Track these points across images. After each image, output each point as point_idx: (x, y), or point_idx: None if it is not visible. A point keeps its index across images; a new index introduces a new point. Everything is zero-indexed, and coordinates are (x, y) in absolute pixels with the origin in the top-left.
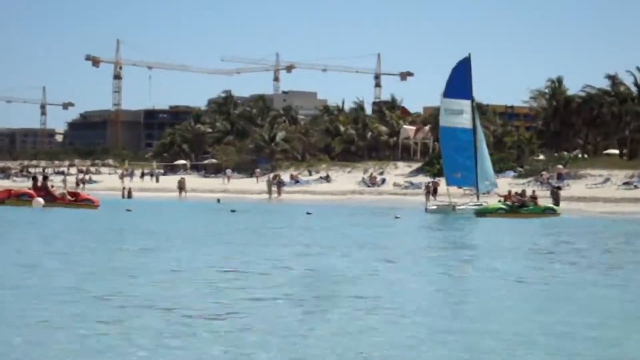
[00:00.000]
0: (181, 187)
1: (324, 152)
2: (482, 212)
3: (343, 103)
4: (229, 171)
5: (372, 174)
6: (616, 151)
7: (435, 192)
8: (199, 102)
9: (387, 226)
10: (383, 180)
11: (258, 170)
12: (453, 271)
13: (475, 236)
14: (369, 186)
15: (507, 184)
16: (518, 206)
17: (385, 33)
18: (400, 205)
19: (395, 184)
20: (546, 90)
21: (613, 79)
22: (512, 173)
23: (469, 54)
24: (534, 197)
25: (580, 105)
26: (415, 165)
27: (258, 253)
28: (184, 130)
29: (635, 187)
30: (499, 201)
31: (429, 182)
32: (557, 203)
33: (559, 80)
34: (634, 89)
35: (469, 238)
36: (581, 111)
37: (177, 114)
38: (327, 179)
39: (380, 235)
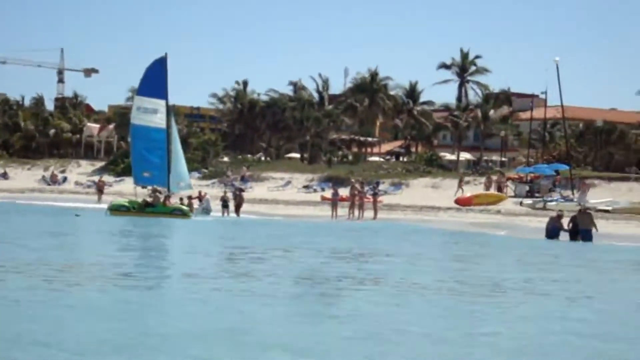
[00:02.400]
0: None
1: (2, 149)
2: (109, 209)
3: (23, 98)
4: None
5: (53, 171)
6: (298, 155)
7: (102, 190)
8: None
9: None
10: (64, 179)
11: None
12: None
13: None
14: (49, 184)
15: (192, 184)
16: (145, 205)
17: (69, 27)
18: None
19: (77, 183)
20: (232, 93)
21: (295, 84)
22: (197, 174)
23: (166, 54)
24: (167, 197)
25: (264, 109)
26: (99, 164)
27: None
28: None
29: (315, 190)
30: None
31: (99, 181)
32: (239, 205)
33: (245, 83)
34: (315, 95)
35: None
36: (265, 115)
37: None
38: (4, 176)
39: None
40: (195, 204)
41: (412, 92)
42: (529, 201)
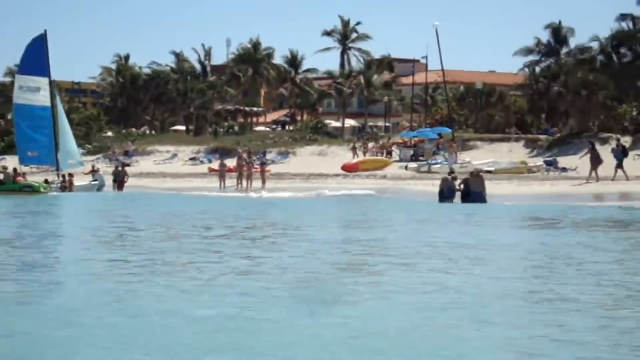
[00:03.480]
0: None
1: None
2: None
3: None
4: None
5: None
6: (183, 127)
7: None
8: None
9: None
10: None
11: None
12: None
13: None
14: None
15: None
16: None
17: None
18: None
19: None
20: (113, 66)
21: (178, 56)
22: (81, 150)
23: (45, 31)
24: (18, 174)
25: (146, 81)
26: None
27: None
28: None
29: (202, 162)
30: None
31: None
32: (122, 181)
33: (126, 57)
34: (198, 66)
35: None
36: (148, 88)
37: None
38: None
39: None
40: (85, 180)
41: (294, 61)
42: (414, 165)
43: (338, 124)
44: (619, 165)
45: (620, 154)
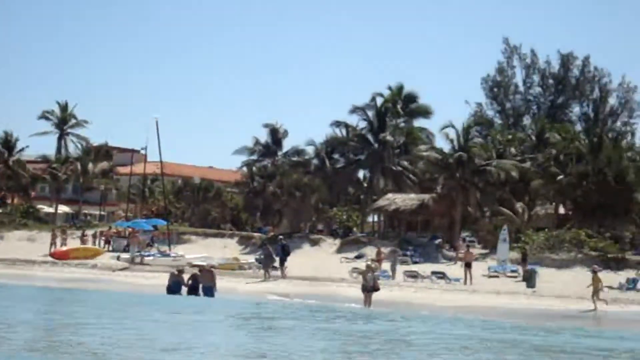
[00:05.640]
0: None
1: None
2: None
3: None
4: None
5: None
6: None
7: None
8: None
9: None
10: None
11: None
12: None
13: None
14: None
15: None
16: None
17: None
18: None
19: None
20: None
21: None
22: None
23: None
24: None
25: None
26: None
27: None
28: None
29: None
30: None
31: None
32: None
33: None
34: None
35: None
36: None
37: None
38: None
39: None
40: None
41: (8, 142)
42: (126, 255)
43: (51, 210)
44: (280, 263)
45: (281, 252)
